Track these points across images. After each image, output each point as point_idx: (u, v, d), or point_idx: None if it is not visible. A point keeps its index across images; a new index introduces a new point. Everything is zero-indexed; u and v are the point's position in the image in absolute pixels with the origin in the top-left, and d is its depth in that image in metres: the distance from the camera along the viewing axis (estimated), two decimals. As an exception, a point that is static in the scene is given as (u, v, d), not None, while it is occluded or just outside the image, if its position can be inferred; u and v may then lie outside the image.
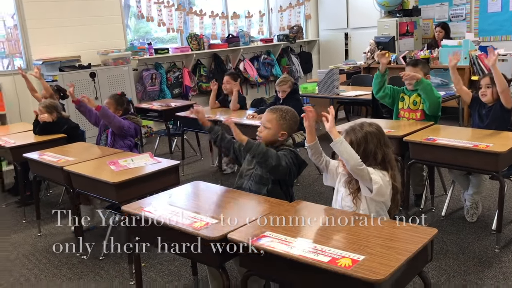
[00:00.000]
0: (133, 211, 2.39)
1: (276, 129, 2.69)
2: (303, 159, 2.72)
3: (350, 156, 2.15)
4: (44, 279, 3.24)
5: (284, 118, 2.71)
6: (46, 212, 4.39)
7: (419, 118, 3.87)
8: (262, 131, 2.72)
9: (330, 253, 1.77)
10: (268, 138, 2.70)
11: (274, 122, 2.69)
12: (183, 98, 7.48)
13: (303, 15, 9.43)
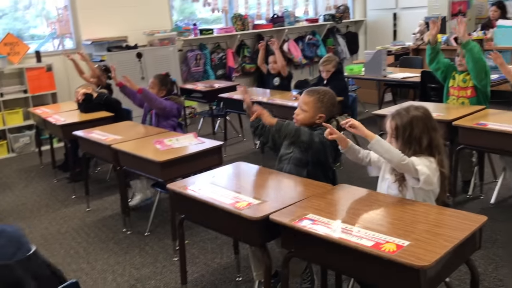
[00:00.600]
0: (178, 189, 2.43)
1: (314, 112, 2.62)
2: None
3: (391, 155, 2.06)
4: (92, 252, 3.37)
5: (321, 100, 2.62)
6: (94, 188, 4.55)
7: (469, 95, 3.73)
8: (299, 114, 2.65)
9: (373, 238, 1.74)
10: (305, 121, 2.64)
11: (311, 105, 2.62)
12: (226, 79, 7.50)
13: (350, -6, 9.19)
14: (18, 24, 6.54)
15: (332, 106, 2.67)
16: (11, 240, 1.36)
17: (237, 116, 5.95)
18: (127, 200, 3.73)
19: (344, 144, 2.29)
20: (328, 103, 2.64)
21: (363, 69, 5.98)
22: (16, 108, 6.00)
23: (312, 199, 2.14)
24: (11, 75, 6.04)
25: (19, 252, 1.35)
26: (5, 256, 1.32)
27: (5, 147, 5.96)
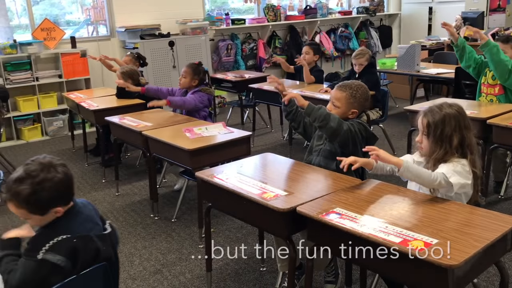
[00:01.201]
0: (206, 178, 2.46)
1: (346, 108, 2.60)
2: (372, 132, 2.63)
3: (421, 179, 2.01)
4: (120, 236, 3.41)
5: (354, 96, 2.59)
6: (124, 173, 4.64)
7: (497, 93, 3.67)
8: (331, 109, 2.62)
9: (401, 234, 1.73)
10: (338, 115, 2.59)
11: (343, 101, 2.59)
12: (256, 69, 7.50)
13: (385, -13, 9.03)
14: (54, 10, 6.68)
15: (364, 101, 2.65)
16: (87, 219, 1.75)
17: (266, 107, 5.95)
18: (156, 186, 3.79)
19: (369, 166, 2.23)
20: (361, 98, 2.61)
21: (395, 63, 5.88)
22: (50, 92, 6.15)
23: (340, 193, 2.13)
24: (47, 59, 6.19)
25: (95, 228, 1.75)
26: (85, 229, 1.71)
27: (39, 130, 6.12)
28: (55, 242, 1.62)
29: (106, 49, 6.55)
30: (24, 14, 6.38)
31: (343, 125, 2.48)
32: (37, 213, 1.65)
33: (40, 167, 1.64)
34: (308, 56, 5.02)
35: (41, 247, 1.60)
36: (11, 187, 1.62)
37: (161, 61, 6.46)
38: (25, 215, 1.65)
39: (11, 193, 1.63)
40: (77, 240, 1.66)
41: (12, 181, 1.62)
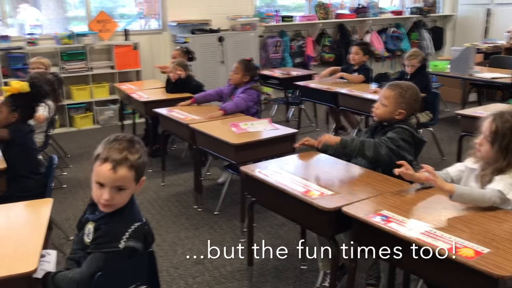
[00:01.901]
0: (250, 173, 2.47)
1: (394, 107, 2.52)
2: (420, 137, 2.54)
3: (476, 202, 1.92)
4: (164, 225, 3.52)
5: (403, 96, 2.52)
6: (170, 164, 4.73)
7: None
8: (378, 108, 2.57)
9: (450, 241, 1.68)
10: (383, 116, 2.56)
11: (391, 100, 2.52)
12: (304, 67, 7.46)
13: (441, -13, 8.77)
14: (108, 3, 6.88)
15: (414, 102, 2.57)
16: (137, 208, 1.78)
17: (312, 105, 5.92)
18: (201, 178, 3.85)
19: (422, 180, 2.14)
20: (410, 99, 2.54)
21: (448, 66, 5.71)
22: (103, 83, 6.35)
23: (387, 196, 2.10)
24: (100, 51, 6.39)
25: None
26: (141, 217, 1.76)
27: (91, 118, 6.34)
28: (133, 229, 1.67)
29: (157, 42, 6.69)
30: (80, 6, 6.61)
31: (381, 150, 2.40)
32: (137, 180, 1.68)
33: (134, 139, 1.72)
34: (358, 57, 4.95)
35: (122, 236, 1.64)
36: (122, 151, 1.63)
37: (210, 56, 6.54)
38: (129, 182, 1.65)
39: (122, 156, 1.62)
40: (147, 226, 1.75)
41: (123, 146, 1.64)
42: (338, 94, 4.66)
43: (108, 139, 1.69)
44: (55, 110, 4.33)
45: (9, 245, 1.78)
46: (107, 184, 1.63)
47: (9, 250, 1.75)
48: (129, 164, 1.64)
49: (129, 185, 1.66)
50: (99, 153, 1.66)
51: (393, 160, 2.35)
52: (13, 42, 5.83)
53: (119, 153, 1.63)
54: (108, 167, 1.61)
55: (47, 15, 6.60)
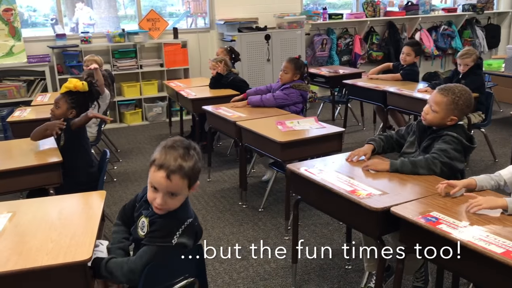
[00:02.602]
0: (297, 170, 2.47)
1: (445, 114, 2.38)
2: (469, 144, 2.38)
3: None
4: (210, 220, 3.58)
5: (456, 103, 2.36)
6: (215, 160, 4.80)
7: None
8: (428, 113, 2.43)
9: (504, 245, 1.63)
10: (434, 122, 2.43)
11: (443, 106, 2.37)
12: (351, 65, 7.37)
13: (496, -18, 8.44)
14: (157, 2, 7.04)
15: (466, 108, 2.42)
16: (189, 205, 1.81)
17: (359, 104, 5.84)
18: (246, 175, 3.88)
19: (473, 186, 2.08)
20: (463, 105, 2.38)
21: (503, 65, 5.49)
22: (152, 80, 6.51)
23: (437, 197, 2.05)
24: (150, 49, 6.56)
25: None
26: (191, 213, 1.81)
27: (140, 115, 6.52)
28: (185, 226, 1.73)
29: (205, 41, 6.80)
30: (130, 5, 6.80)
31: (435, 168, 2.29)
32: (191, 185, 1.71)
33: (191, 145, 1.73)
34: (409, 58, 4.85)
35: (176, 232, 1.71)
36: (177, 159, 1.65)
37: (256, 54, 6.57)
38: (182, 189, 1.69)
39: (177, 165, 1.64)
40: (197, 222, 1.81)
41: (179, 154, 1.66)
42: (386, 93, 4.58)
43: (165, 145, 1.70)
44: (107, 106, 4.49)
45: (65, 235, 1.86)
46: (160, 190, 1.67)
47: (66, 239, 1.83)
48: (183, 172, 1.65)
49: (182, 191, 1.70)
50: (155, 158, 1.69)
51: (446, 172, 2.30)
52: (69, 40, 6.07)
53: (174, 161, 1.64)
54: (162, 175, 1.64)
55: (99, 14, 6.84)
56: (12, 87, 5.74)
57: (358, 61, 7.48)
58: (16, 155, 3.02)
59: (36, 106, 4.37)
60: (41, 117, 3.66)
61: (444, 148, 2.32)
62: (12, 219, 2.05)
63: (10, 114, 4.12)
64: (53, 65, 5.88)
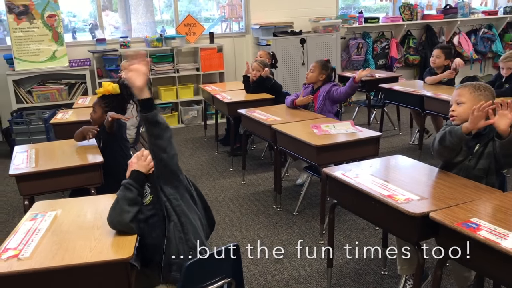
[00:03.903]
0: (333, 174, 2.47)
1: (473, 102, 2.33)
2: None
3: None
4: (244, 222, 3.61)
5: (478, 89, 2.38)
6: (250, 164, 4.84)
7: None
8: (455, 109, 2.40)
9: (549, 254, 1.58)
10: (464, 114, 2.35)
11: (467, 95, 2.38)
12: (387, 69, 7.29)
13: (539, -16, 8.18)
14: (192, 7, 7.15)
15: (490, 95, 2.38)
16: None
17: (395, 108, 5.77)
18: (281, 178, 3.89)
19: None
20: (486, 91, 2.38)
21: (547, 68, 5.30)
22: (188, 84, 6.62)
23: (478, 203, 2.01)
24: (187, 53, 6.66)
25: None
26: None
27: (176, 118, 6.63)
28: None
29: (240, 45, 6.86)
30: (166, 10, 6.93)
31: None
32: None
33: None
34: (439, 60, 4.78)
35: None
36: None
37: (291, 58, 6.58)
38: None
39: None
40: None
41: None
42: (424, 97, 4.51)
43: None
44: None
45: (107, 233, 1.93)
46: None
47: (109, 237, 1.89)
48: None
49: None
50: None
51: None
52: (109, 45, 6.24)
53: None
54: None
55: (136, 19, 6.99)
56: (54, 90, 5.94)
57: (395, 65, 7.39)
58: (58, 155, 3.13)
59: (77, 109, 4.51)
60: (82, 119, 3.78)
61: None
62: (57, 217, 2.13)
63: (53, 116, 4.27)
64: (93, 69, 6.05)
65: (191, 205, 2.02)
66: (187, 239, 1.92)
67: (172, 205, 1.94)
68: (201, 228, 2.01)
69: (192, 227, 1.95)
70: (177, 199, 1.95)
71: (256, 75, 4.77)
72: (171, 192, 1.96)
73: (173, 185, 1.97)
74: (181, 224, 1.92)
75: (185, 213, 1.95)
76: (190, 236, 1.93)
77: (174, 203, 1.95)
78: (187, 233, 1.92)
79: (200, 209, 2.08)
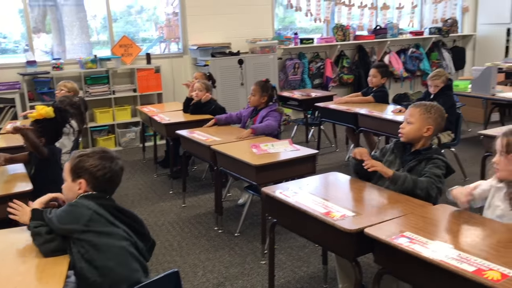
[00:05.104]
0: (272, 193, 2.48)
1: (420, 124, 2.52)
2: (451, 166, 2.51)
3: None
4: (185, 246, 3.53)
5: (429, 111, 2.55)
6: (190, 185, 4.77)
7: None
8: (404, 127, 2.58)
9: (475, 263, 1.66)
10: (411, 134, 2.55)
11: (417, 116, 2.54)
12: (323, 88, 7.50)
13: (459, 7, 8.78)
14: (130, 28, 7.06)
15: (440, 119, 2.57)
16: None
17: (331, 125, 5.92)
18: (221, 199, 3.86)
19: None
20: (436, 114, 2.56)
21: (469, 86, 5.67)
22: (125, 105, 6.47)
23: (410, 217, 2.08)
24: (123, 74, 6.53)
25: None
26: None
27: (113, 140, 6.44)
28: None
29: (178, 65, 6.82)
30: (103, 31, 6.79)
31: (432, 192, 2.33)
32: (72, 175, 2.02)
33: (106, 152, 2.08)
34: (375, 80, 4.98)
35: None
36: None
37: (230, 79, 6.62)
38: (66, 172, 2.05)
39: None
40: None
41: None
42: (358, 115, 4.66)
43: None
44: (79, 133, 4.42)
45: (36, 266, 1.81)
46: None
47: (36, 271, 1.78)
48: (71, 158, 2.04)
49: (66, 177, 2.05)
50: None
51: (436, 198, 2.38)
52: (40, 67, 6.00)
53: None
54: None
55: (71, 40, 6.79)
56: (-19, 115, 5.62)
57: (330, 84, 7.62)
58: (-17, 184, 2.93)
59: (5, 134, 4.27)
60: (12, 145, 3.58)
61: (438, 173, 2.40)
62: (-21, 251, 1.98)
63: (-22, 143, 4.01)
64: (23, 92, 5.78)
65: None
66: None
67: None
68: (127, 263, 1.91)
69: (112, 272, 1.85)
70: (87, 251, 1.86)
71: (199, 95, 4.73)
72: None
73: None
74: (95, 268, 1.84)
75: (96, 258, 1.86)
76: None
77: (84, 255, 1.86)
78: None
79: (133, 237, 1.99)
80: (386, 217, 2.08)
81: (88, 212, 1.88)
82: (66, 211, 1.92)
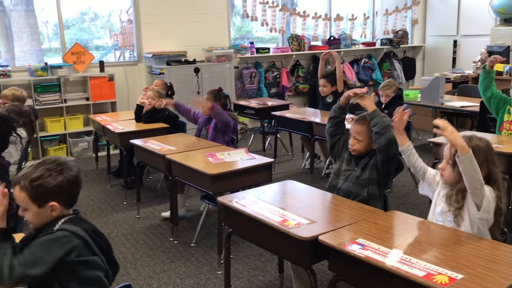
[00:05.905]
0: (228, 203, 2.47)
1: (369, 140, 2.66)
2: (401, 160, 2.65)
3: (478, 175, 1.99)
4: (139, 258, 3.45)
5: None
6: (145, 196, 4.68)
7: None
8: (354, 144, 2.70)
9: (425, 268, 1.70)
10: (362, 149, 2.69)
11: (364, 134, 2.67)
12: (279, 97, 7.57)
13: (409, 19, 9.10)
14: (83, 35, 6.89)
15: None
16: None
17: (287, 134, 5.98)
18: (177, 209, 3.81)
19: (403, 140, 2.41)
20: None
21: (419, 95, 5.87)
22: (77, 114, 6.30)
23: (363, 224, 2.12)
24: (75, 82, 6.36)
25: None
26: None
27: (65, 150, 6.24)
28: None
29: (133, 74, 6.71)
30: (55, 38, 6.60)
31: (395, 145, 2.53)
32: (36, 202, 1.70)
33: (58, 161, 1.76)
34: (326, 89, 5.07)
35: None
36: (23, 172, 1.72)
37: (186, 87, 6.57)
38: (25, 202, 1.70)
39: (19, 176, 1.71)
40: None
41: (29, 167, 1.73)
42: (313, 124, 4.73)
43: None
44: (28, 142, 4.26)
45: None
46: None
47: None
48: (19, 184, 1.69)
49: (27, 206, 1.71)
50: None
51: (394, 158, 2.59)
52: (-15, 74, 5.75)
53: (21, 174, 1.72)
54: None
55: (21, 47, 6.56)
56: None
57: (286, 93, 7.70)
58: None
59: None
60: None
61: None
62: None
63: None
64: (-33, 100, 5.52)
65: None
66: None
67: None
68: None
69: None
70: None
71: (151, 103, 4.66)
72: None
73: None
74: None
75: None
76: None
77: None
78: None
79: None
80: (340, 224, 2.12)
81: (77, 242, 1.69)
82: (52, 243, 1.67)
